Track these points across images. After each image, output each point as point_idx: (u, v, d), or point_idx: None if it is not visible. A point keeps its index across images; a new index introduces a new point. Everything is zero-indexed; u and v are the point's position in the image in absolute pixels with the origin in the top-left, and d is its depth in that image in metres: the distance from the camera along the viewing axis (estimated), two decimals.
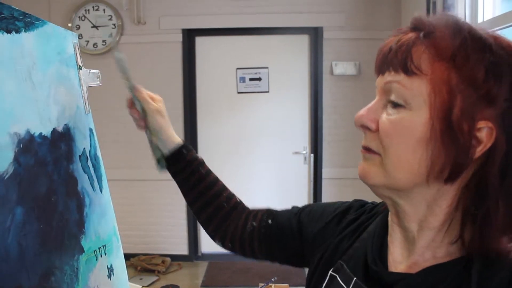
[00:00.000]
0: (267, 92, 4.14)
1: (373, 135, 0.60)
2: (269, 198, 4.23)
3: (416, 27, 0.59)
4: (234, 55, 4.13)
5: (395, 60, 0.58)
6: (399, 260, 0.65)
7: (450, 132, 0.55)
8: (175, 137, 0.94)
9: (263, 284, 1.63)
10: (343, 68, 3.98)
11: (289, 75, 4.14)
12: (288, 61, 4.13)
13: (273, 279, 1.66)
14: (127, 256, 4.09)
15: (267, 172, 4.22)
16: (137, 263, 3.96)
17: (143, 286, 1.78)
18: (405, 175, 0.58)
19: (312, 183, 4.19)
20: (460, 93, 0.54)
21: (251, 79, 4.13)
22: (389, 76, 0.59)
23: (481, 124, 0.54)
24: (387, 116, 0.59)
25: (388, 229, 0.68)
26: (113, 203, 0.97)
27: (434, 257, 0.61)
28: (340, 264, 0.71)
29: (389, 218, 0.68)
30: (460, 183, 0.58)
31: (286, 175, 4.22)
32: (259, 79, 4.12)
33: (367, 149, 0.62)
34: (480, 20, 2.61)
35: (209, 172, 0.95)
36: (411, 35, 0.58)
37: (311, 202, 4.20)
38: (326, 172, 4.11)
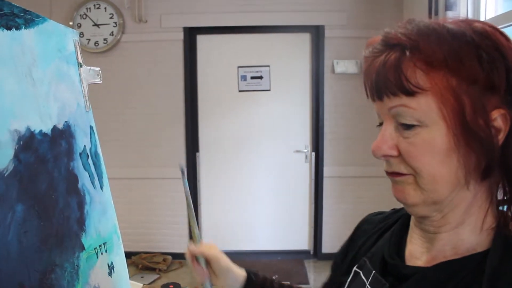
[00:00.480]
0: (269, 90, 4.14)
1: (397, 160, 0.60)
2: (270, 197, 4.23)
3: (391, 43, 0.59)
4: (235, 54, 4.13)
5: (390, 84, 0.57)
6: (417, 256, 0.66)
7: (471, 133, 0.55)
8: (240, 269, 0.96)
9: None
10: (344, 66, 3.97)
11: (291, 74, 4.13)
12: (289, 59, 4.13)
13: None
14: (128, 254, 4.09)
15: (268, 171, 4.22)
16: (138, 261, 3.97)
17: (144, 284, 1.78)
18: (445, 188, 0.58)
19: (313, 181, 4.19)
20: (465, 94, 0.55)
21: (252, 78, 4.12)
22: (390, 102, 0.58)
23: (495, 114, 0.55)
24: (406, 140, 0.58)
25: (409, 229, 0.70)
26: (114, 202, 0.97)
27: (456, 253, 0.61)
28: (363, 260, 0.73)
29: (411, 222, 0.70)
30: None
31: (287, 174, 4.22)
32: (261, 77, 4.12)
33: (396, 174, 0.61)
34: (482, 18, 2.61)
35: (281, 284, 0.99)
36: (394, 54, 0.57)
37: (312, 201, 4.21)
38: (327, 170, 4.11)
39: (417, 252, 0.66)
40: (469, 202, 0.59)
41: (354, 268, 0.74)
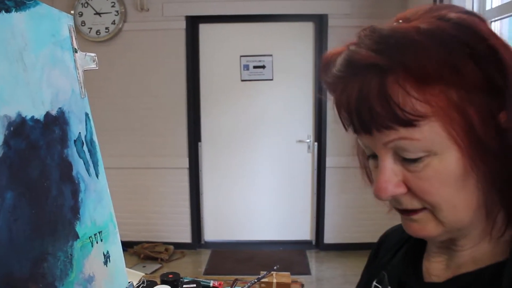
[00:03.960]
0: (271, 80, 4.10)
1: (407, 196, 0.52)
2: (272, 187, 4.22)
3: (361, 64, 0.48)
4: (238, 43, 4.09)
5: (380, 118, 0.47)
6: (435, 273, 0.60)
7: (484, 148, 0.47)
8: None
9: (265, 272, 1.61)
10: None
11: (294, 63, 4.09)
12: (292, 48, 4.09)
13: (275, 268, 1.65)
14: (130, 244, 4.11)
15: (270, 161, 4.20)
16: (140, 251, 3.97)
17: (146, 274, 1.77)
18: (467, 214, 0.51)
19: (315, 171, 4.17)
20: (469, 104, 0.46)
21: (255, 67, 4.09)
22: (384, 136, 0.49)
23: (502, 117, 0.46)
24: (414, 174, 0.50)
25: (427, 247, 0.64)
26: (116, 191, 0.95)
27: (475, 266, 0.55)
28: (383, 274, 0.68)
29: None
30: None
31: (290, 164, 4.20)
32: (263, 66, 4.09)
33: (410, 211, 0.53)
34: (488, 7, 2.56)
35: None
36: (372, 79, 0.47)
37: (315, 191, 4.19)
38: (330, 160, 4.09)
39: (436, 270, 0.60)
40: (481, 214, 0.53)
41: (374, 283, 0.68)
